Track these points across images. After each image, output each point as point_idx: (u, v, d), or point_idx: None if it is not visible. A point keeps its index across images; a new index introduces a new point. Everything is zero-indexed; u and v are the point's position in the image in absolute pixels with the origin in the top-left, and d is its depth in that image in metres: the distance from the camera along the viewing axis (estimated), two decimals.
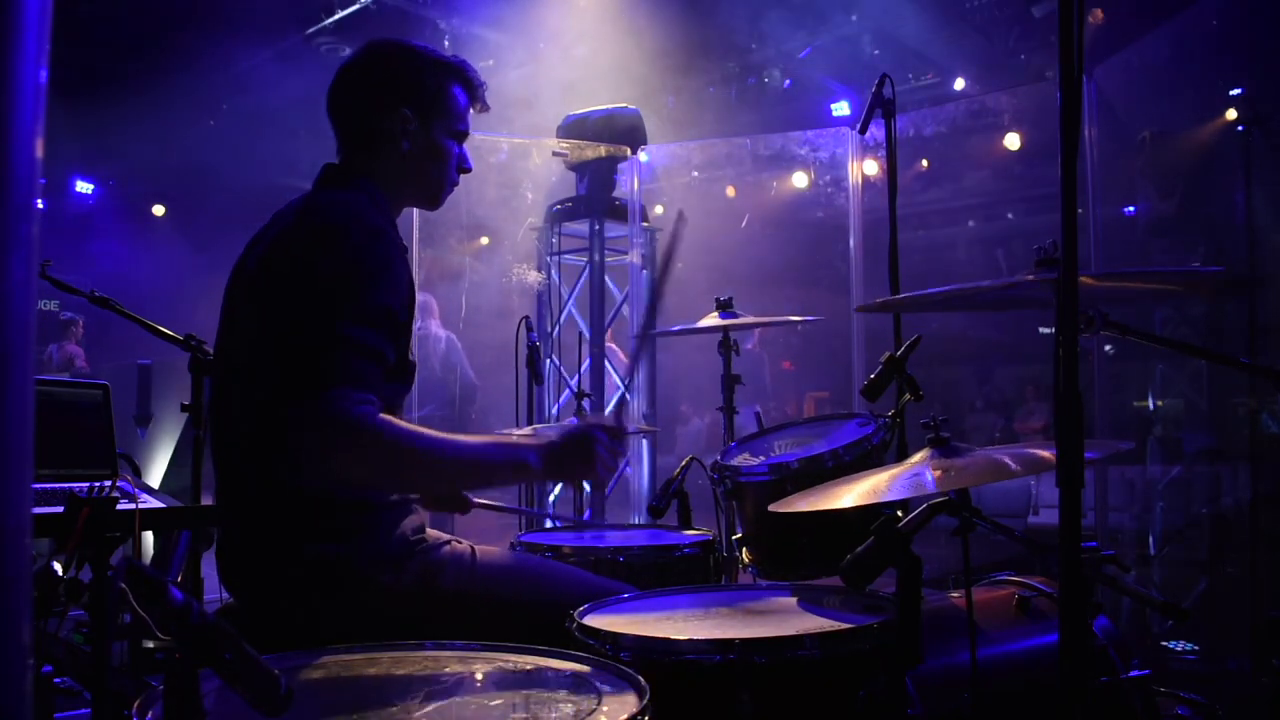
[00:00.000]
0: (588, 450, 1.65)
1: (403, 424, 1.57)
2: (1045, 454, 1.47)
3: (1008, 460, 1.50)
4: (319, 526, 1.64)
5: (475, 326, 6.82)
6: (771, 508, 1.74)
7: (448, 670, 1.26)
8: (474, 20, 7.80)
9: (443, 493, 1.96)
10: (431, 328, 6.24)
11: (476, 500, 2.06)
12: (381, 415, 1.53)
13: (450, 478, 1.70)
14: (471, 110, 1.90)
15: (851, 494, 1.55)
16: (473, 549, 1.82)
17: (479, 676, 1.24)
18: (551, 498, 5.63)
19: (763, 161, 6.67)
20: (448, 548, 1.78)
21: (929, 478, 1.49)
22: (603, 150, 5.48)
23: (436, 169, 1.85)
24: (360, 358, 1.53)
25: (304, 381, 1.50)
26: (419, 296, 1.79)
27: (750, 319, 2.99)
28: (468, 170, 1.91)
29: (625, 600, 1.75)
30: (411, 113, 1.79)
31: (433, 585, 1.70)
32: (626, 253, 5.65)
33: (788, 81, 9.08)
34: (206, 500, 2.47)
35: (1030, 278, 1.50)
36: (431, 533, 1.81)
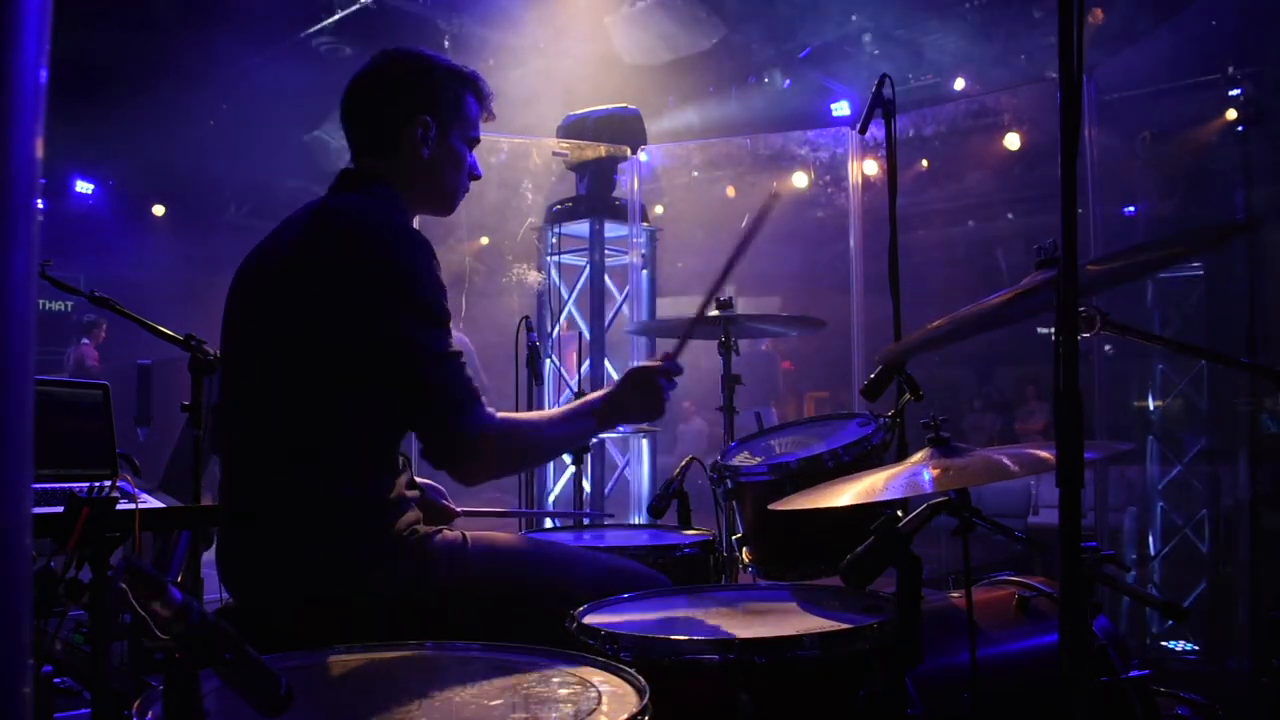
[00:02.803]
0: (649, 389, 1.88)
1: (515, 418, 1.77)
2: (1045, 454, 1.47)
3: (1007, 461, 1.50)
4: (318, 526, 1.64)
5: (475, 326, 6.83)
6: (771, 506, 1.74)
7: (447, 670, 1.26)
8: (474, 20, 7.80)
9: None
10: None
11: (463, 510, 2.14)
12: (501, 416, 1.72)
13: (560, 450, 2.04)
14: (480, 119, 1.94)
15: (849, 493, 1.55)
16: (464, 535, 1.82)
17: (478, 676, 1.24)
18: (551, 498, 5.63)
19: (763, 161, 6.67)
20: (439, 537, 1.78)
21: (927, 477, 1.49)
22: (603, 150, 5.48)
23: (453, 175, 1.89)
24: (460, 368, 1.68)
25: (430, 401, 1.65)
26: None
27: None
28: (478, 177, 1.95)
29: (625, 600, 1.75)
30: (433, 120, 1.82)
31: (429, 578, 1.69)
32: (626, 253, 5.65)
33: (788, 81, 9.08)
34: (207, 500, 2.47)
35: (1040, 279, 1.50)
36: (422, 526, 1.81)
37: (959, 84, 8.47)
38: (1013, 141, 6.80)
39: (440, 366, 1.66)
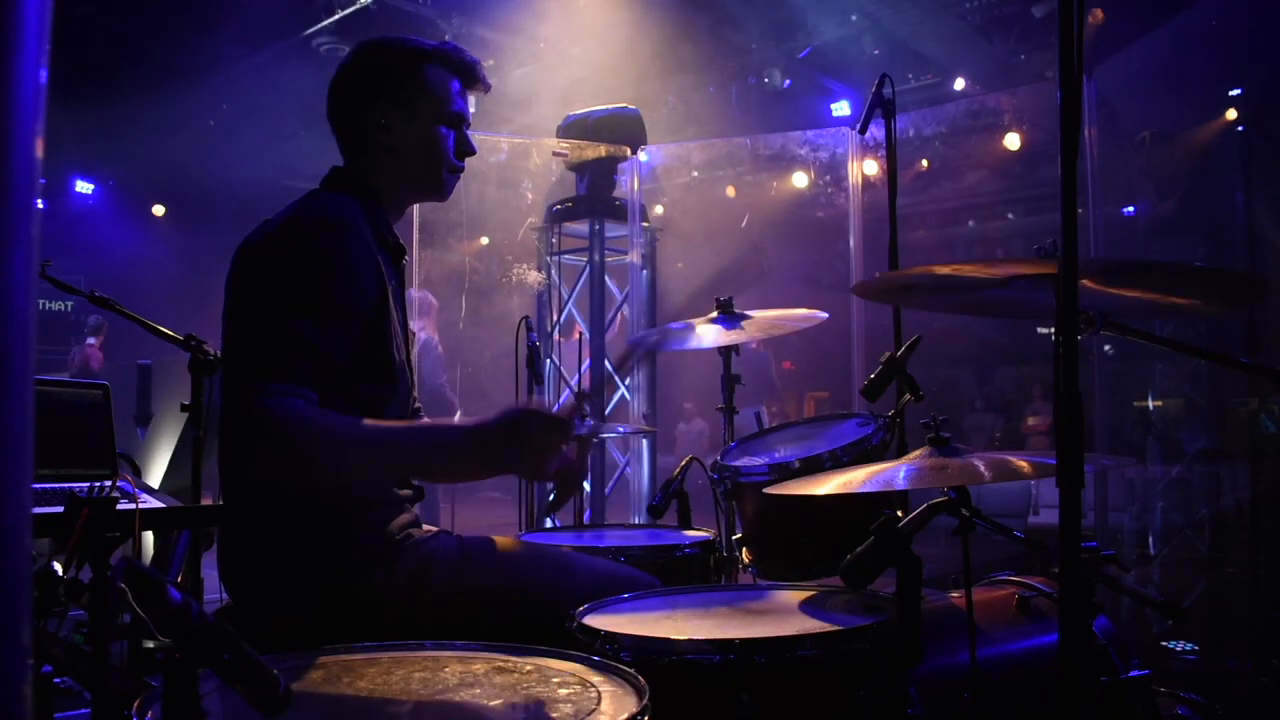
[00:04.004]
0: (518, 437, 1.43)
1: (320, 414, 1.48)
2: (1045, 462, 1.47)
3: (1008, 460, 1.50)
4: (313, 526, 1.64)
5: (475, 326, 6.83)
6: (766, 490, 1.74)
7: (447, 670, 1.26)
8: (474, 20, 7.81)
9: (368, 486, 1.73)
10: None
11: None
12: (293, 404, 1.45)
13: (369, 465, 1.53)
14: (472, 92, 1.87)
15: (831, 483, 1.56)
16: (461, 540, 1.81)
17: (478, 676, 1.24)
18: (550, 499, 5.62)
19: (763, 161, 6.67)
20: (435, 542, 1.77)
21: (902, 475, 1.50)
22: (603, 150, 5.48)
23: (430, 159, 1.82)
24: (288, 349, 1.48)
25: (235, 378, 1.49)
26: (416, 294, 1.80)
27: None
28: (471, 153, 1.86)
29: (625, 600, 1.75)
30: (393, 106, 1.78)
31: (426, 581, 1.69)
32: (626, 253, 5.65)
33: (788, 81, 9.07)
34: (206, 500, 2.47)
35: (1031, 271, 1.49)
36: (417, 530, 1.81)
37: (959, 84, 8.47)
38: (1013, 141, 6.80)
39: (281, 348, 1.48)
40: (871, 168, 5.34)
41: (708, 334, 2.60)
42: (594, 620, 1.56)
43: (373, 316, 1.64)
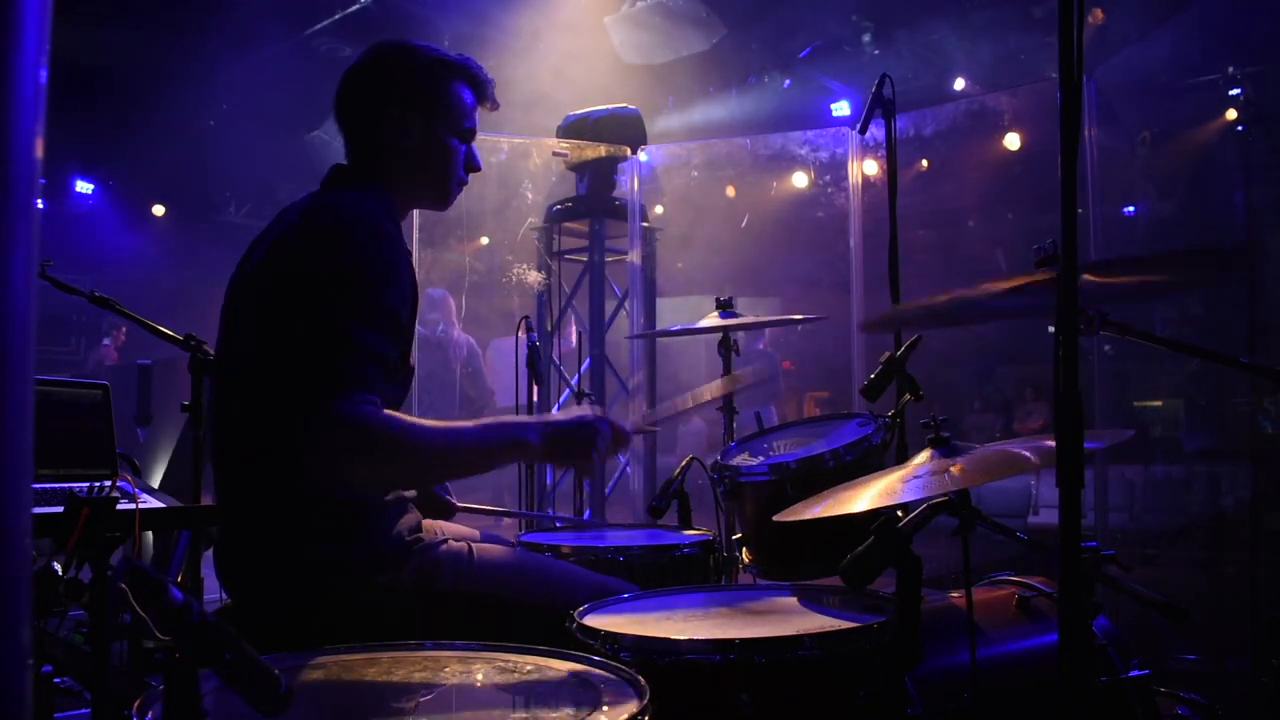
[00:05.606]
0: (590, 437, 1.68)
1: (403, 417, 1.57)
2: (1047, 443, 1.47)
3: (1015, 450, 1.50)
4: (317, 527, 1.64)
5: (475, 327, 6.83)
6: (777, 517, 1.72)
7: (447, 670, 1.26)
8: (474, 20, 7.79)
9: (451, 479, 1.93)
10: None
11: (462, 505, 2.07)
12: (383, 411, 1.53)
13: (454, 463, 1.70)
14: (481, 108, 1.89)
15: (864, 498, 1.54)
16: (470, 546, 1.82)
17: (478, 677, 1.24)
18: (551, 496, 5.62)
19: (763, 161, 6.67)
20: (445, 546, 1.78)
21: (938, 479, 1.49)
22: (603, 150, 5.47)
23: (441, 169, 1.84)
24: (366, 361, 1.54)
25: (311, 387, 1.50)
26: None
27: (751, 319, 2.99)
28: (477, 169, 1.90)
29: (625, 600, 1.75)
30: (413, 113, 1.79)
31: (430, 584, 1.70)
32: (626, 253, 5.65)
33: (788, 81, 9.07)
34: (206, 500, 2.47)
35: (1038, 278, 1.49)
36: (429, 529, 1.81)
37: (959, 84, 8.47)
38: (1013, 141, 6.79)
39: (355, 357, 1.52)
40: (871, 168, 5.34)
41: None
42: (594, 620, 1.56)
43: (408, 322, 1.68)
